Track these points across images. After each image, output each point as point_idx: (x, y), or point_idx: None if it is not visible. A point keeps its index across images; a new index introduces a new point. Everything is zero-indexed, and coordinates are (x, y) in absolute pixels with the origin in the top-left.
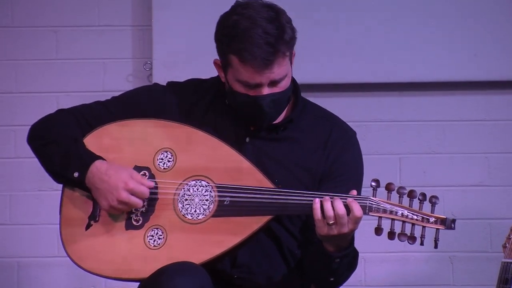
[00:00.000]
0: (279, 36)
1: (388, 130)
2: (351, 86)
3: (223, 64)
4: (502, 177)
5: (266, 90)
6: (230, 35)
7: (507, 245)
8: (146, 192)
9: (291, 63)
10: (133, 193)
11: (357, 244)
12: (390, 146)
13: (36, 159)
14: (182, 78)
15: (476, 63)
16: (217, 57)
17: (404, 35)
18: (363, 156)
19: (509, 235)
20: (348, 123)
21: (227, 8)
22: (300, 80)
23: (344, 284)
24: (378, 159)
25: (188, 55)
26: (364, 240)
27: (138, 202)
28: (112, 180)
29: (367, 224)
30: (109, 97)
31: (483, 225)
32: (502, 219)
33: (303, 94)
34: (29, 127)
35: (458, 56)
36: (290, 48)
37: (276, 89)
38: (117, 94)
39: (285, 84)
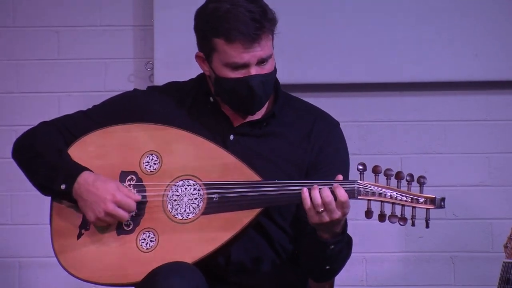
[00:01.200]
0: (262, 13)
1: (389, 130)
2: (352, 86)
3: (206, 53)
4: (503, 177)
5: (254, 70)
6: (213, 20)
7: (509, 245)
8: (132, 205)
9: (272, 47)
10: (120, 205)
11: (359, 245)
12: (391, 146)
13: None
14: (183, 78)
15: (477, 63)
16: (198, 52)
17: (405, 35)
18: (365, 156)
19: (510, 235)
20: (348, 123)
21: None
22: (300, 80)
23: (345, 284)
24: (379, 159)
25: (190, 55)
26: (365, 240)
27: (124, 215)
28: (100, 192)
29: (367, 224)
30: (112, 96)
31: (484, 225)
32: (503, 219)
33: (304, 94)
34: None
35: (459, 56)
36: (273, 26)
37: (263, 70)
38: (120, 92)
39: (270, 66)
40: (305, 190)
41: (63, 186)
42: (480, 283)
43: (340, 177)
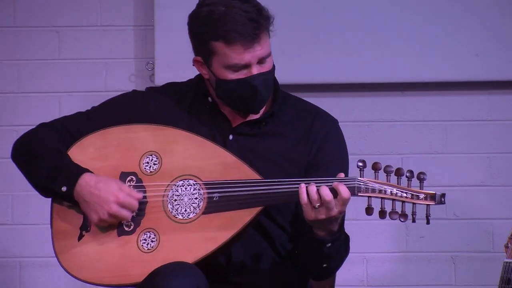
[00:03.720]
0: (258, 12)
1: (390, 130)
2: (353, 86)
3: (204, 57)
4: (504, 177)
5: (255, 70)
6: (209, 23)
7: (509, 245)
8: (135, 204)
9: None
10: (123, 206)
11: (359, 245)
12: (392, 146)
13: None
14: (184, 78)
15: (477, 63)
16: (196, 57)
17: (406, 35)
18: (366, 156)
19: (511, 235)
20: (349, 123)
21: None
22: (300, 80)
23: (346, 284)
24: (380, 159)
25: (190, 54)
26: (366, 240)
27: (128, 215)
28: (103, 194)
29: (368, 224)
30: (111, 97)
31: (485, 225)
32: (504, 219)
33: (304, 94)
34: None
35: (460, 56)
36: (270, 24)
37: (263, 69)
38: (119, 94)
39: (270, 64)
40: (302, 186)
41: (64, 188)
42: (481, 283)
43: (341, 175)
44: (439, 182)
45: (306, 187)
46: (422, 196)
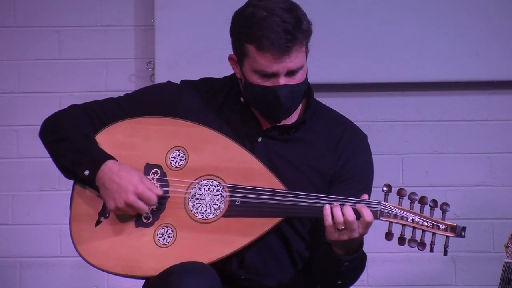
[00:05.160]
0: (296, 24)
1: (391, 130)
2: (353, 86)
3: (238, 56)
4: (504, 177)
5: (283, 80)
6: (247, 25)
7: (510, 245)
8: (153, 198)
9: (306, 57)
10: (141, 197)
11: None
12: (392, 146)
13: (38, 159)
14: (184, 78)
15: (478, 63)
16: (232, 54)
17: (407, 35)
18: None
19: (511, 235)
20: None
21: (229, 7)
22: None
23: None
24: (381, 159)
25: (191, 54)
26: (367, 240)
27: (144, 207)
28: (123, 182)
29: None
30: (145, 86)
31: (486, 225)
32: (504, 219)
33: None
34: (32, 126)
35: (460, 56)
36: (307, 38)
37: (292, 81)
38: (119, 94)
39: (301, 77)
40: (327, 207)
41: (86, 172)
42: (481, 283)
43: (365, 196)
44: (439, 182)
45: (331, 208)
46: (442, 226)
